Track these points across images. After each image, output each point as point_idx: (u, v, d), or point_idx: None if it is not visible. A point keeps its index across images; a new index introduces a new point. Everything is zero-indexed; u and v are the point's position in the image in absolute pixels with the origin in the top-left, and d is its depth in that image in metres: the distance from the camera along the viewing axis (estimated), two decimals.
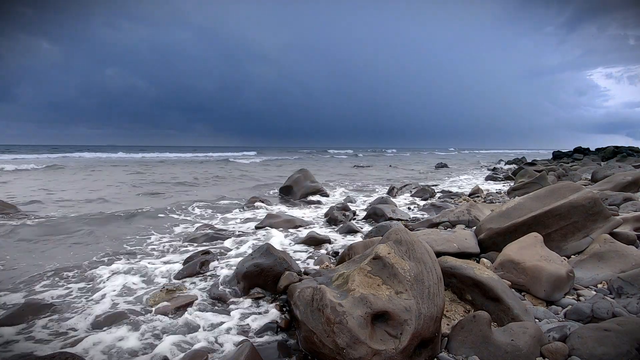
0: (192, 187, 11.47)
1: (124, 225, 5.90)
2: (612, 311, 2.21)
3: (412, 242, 2.19)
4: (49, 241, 4.92)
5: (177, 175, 15.08)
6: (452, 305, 2.52)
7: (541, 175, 7.92)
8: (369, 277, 2.06)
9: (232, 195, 9.47)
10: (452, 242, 3.40)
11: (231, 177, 14.80)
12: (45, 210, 7.07)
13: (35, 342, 2.42)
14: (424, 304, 1.93)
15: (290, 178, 9.59)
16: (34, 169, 17.10)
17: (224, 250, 4.46)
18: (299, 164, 24.70)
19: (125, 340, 2.43)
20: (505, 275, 2.79)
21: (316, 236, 4.81)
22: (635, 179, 6.16)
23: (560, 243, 3.35)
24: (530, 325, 2.07)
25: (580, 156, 22.10)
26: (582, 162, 18.24)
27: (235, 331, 2.53)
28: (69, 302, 3.03)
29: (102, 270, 3.79)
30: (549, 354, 1.90)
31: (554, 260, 2.81)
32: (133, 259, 4.16)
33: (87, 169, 18.12)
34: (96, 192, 9.82)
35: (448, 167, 22.21)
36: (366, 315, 1.87)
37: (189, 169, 19.51)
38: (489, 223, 3.68)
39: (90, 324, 2.65)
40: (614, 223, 3.37)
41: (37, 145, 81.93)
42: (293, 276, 3.15)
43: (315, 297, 2.06)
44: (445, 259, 2.74)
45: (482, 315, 2.08)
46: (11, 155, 31.37)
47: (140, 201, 8.59)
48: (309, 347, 2.12)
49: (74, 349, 2.29)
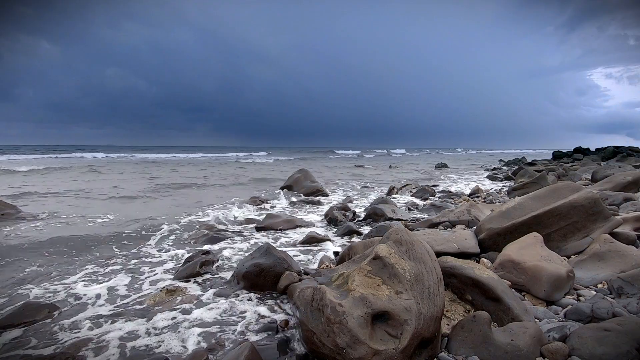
0: (202, 188, 11.45)
1: (124, 226, 5.90)
2: (612, 311, 2.21)
3: (412, 242, 2.19)
4: (49, 241, 4.92)
5: (192, 175, 14.98)
6: (452, 305, 2.52)
7: (541, 175, 7.91)
8: (369, 277, 2.06)
9: (233, 195, 9.48)
10: (452, 242, 3.40)
11: (253, 177, 14.62)
12: (49, 210, 7.07)
13: (35, 342, 2.42)
14: (424, 304, 1.93)
15: (291, 178, 9.60)
16: (52, 169, 17.07)
17: (224, 250, 4.46)
18: (311, 163, 24.65)
19: (125, 340, 2.43)
20: (505, 275, 2.79)
21: (316, 236, 4.81)
22: (635, 179, 6.16)
23: (560, 243, 3.34)
24: (530, 325, 2.07)
25: (580, 156, 22.10)
26: (582, 162, 18.24)
27: (235, 331, 2.53)
28: (68, 303, 3.04)
29: (102, 270, 3.79)
30: (549, 354, 1.90)
31: (554, 260, 2.81)
32: (133, 259, 4.16)
33: (103, 168, 17.74)
34: (111, 191, 9.83)
35: (448, 167, 22.20)
36: (366, 315, 1.87)
37: (209, 169, 19.18)
38: (489, 223, 3.68)
39: (90, 325, 2.65)
40: (614, 223, 3.37)
41: (38, 145, 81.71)
42: (293, 276, 3.15)
43: (316, 297, 2.06)
44: (445, 259, 2.74)
45: (482, 315, 2.08)
46: (24, 155, 31.33)
47: (140, 201, 8.60)
48: (309, 347, 2.13)
49: (73, 350, 2.29)
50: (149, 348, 2.34)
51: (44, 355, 2.23)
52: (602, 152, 21.62)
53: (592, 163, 16.82)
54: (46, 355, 2.23)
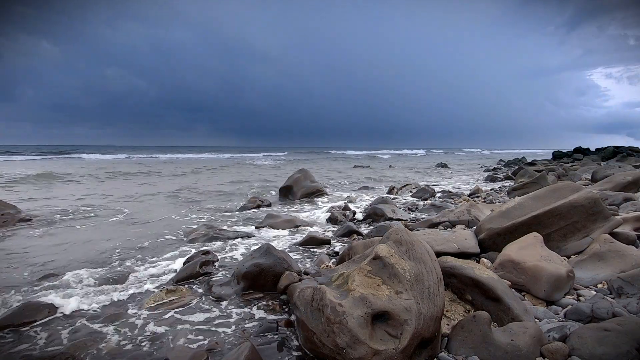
0: (203, 188, 11.47)
1: (124, 226, 5.90)
2: (612, 311, 2.21)
3: (412, 242, 2.19)
4: (49, 241, 4.92)
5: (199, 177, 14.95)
6: (452, 305, 2.52)
7: (541, 175, 7.91)
8: (369, 277, 2.06)
9: (232, 195, 9.47)
10: (452, 242, 3.40)
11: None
12: (49, 210, 7.07)
13: (35, 342, 2.42)
14: (424, 304, 1.93)
15: (291, 178, 9.59)
16: (54, 169, 16.97)
17: (224, 251, 4.46)
18: (311, 163, 24.51)
19: (125, 341, 2.43)
20: (505, 275, 2.79)
21: (316, 236, 4.81)
22: (635, 179, 6.16)
23: (560, 243, 3.34)
24: (530, 325, 2.06)
25: (580, 156, 22.10)
26: (582, 162, 18.24)
27: (235, 331, 2.53)
28: (68, 303, 3.03)
29: (102, 270, 3.79)
30: (549, 354, 1.90)
31: (554, 260, 2.81)
32: (133, 259, 4.16)
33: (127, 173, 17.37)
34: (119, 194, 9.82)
35: (448, 167, 22.20)
36: (366, 315, 1.87)
37: (224, 170, 19.03)
38: (489, 223, 3.68)
39: (90, 325, 2.65)
40: (614, 223, 3.37)
41: (39, 146, 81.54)
42: (293, 276, 3.15)
43: (315, 297, 2.06)
44: (445, 259, 2.74)
45: (482, 315, 2.08)
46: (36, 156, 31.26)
47: (138, 202, 8.60)
48: (309, 347, 2.13)
49: (73, 350, 2.29)
50: (149, 348, 2.33)
51: (43, 356, 2.23)
52: (602, 152, 21.62)
53: (592, 163, 16.82)
54: (46, 355, 2.23)
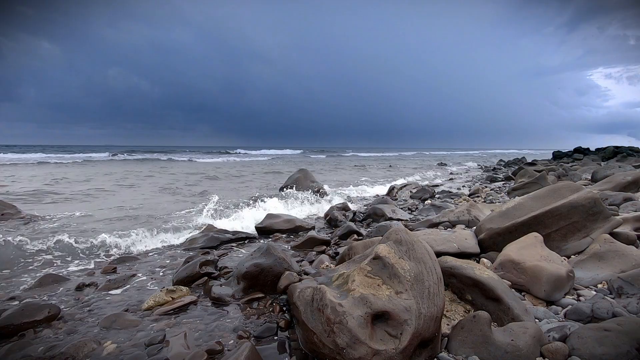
0: (202, 189, 11.47)
1: (124, 226, 5.90)
2: (612, 311, 2.20)
3: (412, 242, 2.19)
4: (49, 241, 4.91)
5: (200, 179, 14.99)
6: (452, 305, 2.52)
7: (541, 175, 7.91)
8: (369, 277, 2.06)
9: (233, 196, 9.47)
10: (452, 242, 3.40)
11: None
12: (49, 211, 7.08)
13: (35, 342, 2.42)
14: (424, 304, 1.93)
15: (291, 178, 9.59)
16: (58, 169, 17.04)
17: (223, 251, 4.46)
18: (311, 163, 24.51)
19: (125, 341, 2.43)
20: (505, 275, 2.79)
21: (316, 236, 4.81)
22: (635, 179, 6.16)
23: (560, 243, 3.34)
24: (530, 325, 2.06)
25: (580, 156, 22.10)
26: (582, 162, 18.23)
27: (235, 331, 2.53)
28: (68, 303, 3.03)
29: (102, 270, 3.79)
30: (549, 354, 1.90)
31: (554, 260, 2.81)
32: (133, 259, 4.16)
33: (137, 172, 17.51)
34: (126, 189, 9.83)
35: (448, 167, 22.20)
36: (366, 315, 1.87)
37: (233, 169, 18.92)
38: (489, 223, 3.67)
39: (90, 326, 2.65)
40: (614, 223, 3.37)
41: (45, 145, 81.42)
42: (293, 276, 3.15)
43: (315, 297, 2.06)
44: (445, 259, 2.73)
45: (482, 315, 2.08)
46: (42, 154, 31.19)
47: (140, 201, 8.59)
48: (309, 347, 2.12)
49: (73, 350, 2.29)
50: (149, 348, 2.33)
51: (43, 356, 2.23)
52: (602, 152, 21.63)
53: (592, 163, 16.81)
54: (46, 355, 2.23)
